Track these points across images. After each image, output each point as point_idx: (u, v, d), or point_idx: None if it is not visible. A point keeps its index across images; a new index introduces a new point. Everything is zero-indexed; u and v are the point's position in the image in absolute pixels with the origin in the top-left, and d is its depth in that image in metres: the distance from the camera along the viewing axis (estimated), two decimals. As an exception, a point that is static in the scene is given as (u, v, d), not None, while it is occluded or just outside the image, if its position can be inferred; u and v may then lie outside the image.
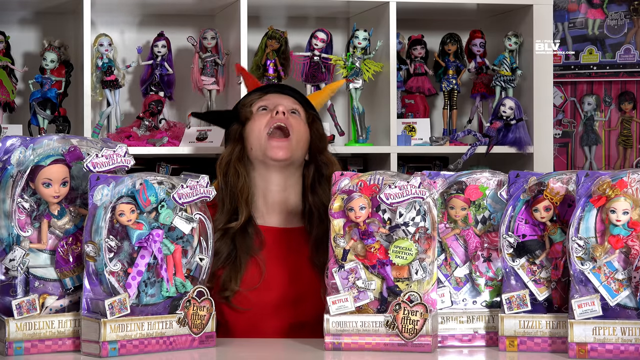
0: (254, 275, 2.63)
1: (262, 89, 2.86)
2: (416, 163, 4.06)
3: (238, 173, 2.71)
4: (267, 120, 2.71)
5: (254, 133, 2.71)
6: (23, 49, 3.90)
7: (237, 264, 2.63)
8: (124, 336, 2.18)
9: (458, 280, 2.36)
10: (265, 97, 2.78)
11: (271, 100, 2.76)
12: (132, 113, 3.96)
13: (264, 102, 2.75)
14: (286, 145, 2.69)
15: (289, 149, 2.69)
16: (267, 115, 2.72)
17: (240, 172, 2.71)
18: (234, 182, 2.69)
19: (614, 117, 4.47)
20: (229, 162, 2.72)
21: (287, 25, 4.01)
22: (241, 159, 2.72)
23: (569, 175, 2.29)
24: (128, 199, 2.21)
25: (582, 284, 2.20)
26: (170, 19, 3.97)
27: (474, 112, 4.06)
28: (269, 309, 2.61)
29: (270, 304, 2.61)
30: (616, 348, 2.18)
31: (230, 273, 2.61)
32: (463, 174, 2.38)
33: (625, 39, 4.45)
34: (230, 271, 2.62)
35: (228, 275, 2.61)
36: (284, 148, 2.69)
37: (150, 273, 2.24)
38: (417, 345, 2.24)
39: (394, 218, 2.30)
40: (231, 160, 2.72)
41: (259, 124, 2.71)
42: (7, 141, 2.22)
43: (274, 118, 2.70)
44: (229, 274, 2.61)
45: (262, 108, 2.74)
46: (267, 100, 2.76)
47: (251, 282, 2.62)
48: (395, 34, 3.78)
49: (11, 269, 2.19)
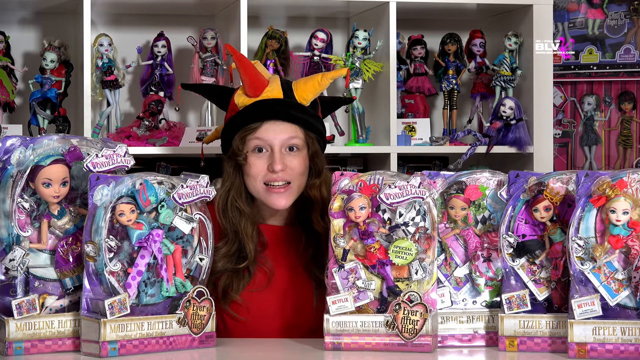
0: (261, 278, 2.62)
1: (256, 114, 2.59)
2: (416, 163, 4.06)
3: (240, 211, 2.61)
4: (264, 170, 2.57)
5: (250, 180, 2.59)
6: (23, 49, 3.90)
7: (243, 275, 2.60)
8: (124, 336, 2.18)
9: (458, 280, 2.36)
10: (260, 129, 2.57)
11: (267, 138, 2.57)
12: (132, 113, 3.95)
13: (259, 141, 2.57)
14: (287, 194, 2.59)
15: (290, 197, 2.60)
16: (262, 160, 2.57)
17: (241, 210, 2.61)
18: (237, 220, 2.60)
19: (614, 117, 4.47)
20: (227, 199, 2.60)
21: (287, 25, 4.01)
22: (240, 195, 2.62)
23: (569, 175, 2.29)
24: (128, 199, 2.21)
25: (582, 284, 2.20)
26: (170, 19, 3.97)
27: (474, 112, 4.06)
28: (271, 310, 2.60)
29: (273, 302, 2.61)
30: (616, 348, 2.18)
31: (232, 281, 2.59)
32: (463, 174, 2.38)
33: (625, 39, 4.45)
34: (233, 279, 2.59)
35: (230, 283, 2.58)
36: (284, 197, 2.59)
37: (150, 273, 2.24)
38: (417, 345, 2.24)
39: (393, 218, 2.30)
40: (229, 198, 2.60)
41: (255, 170, 2.58)
42: (7, 141, 2.22)
43: (270, 174, 2.56)
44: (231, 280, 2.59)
45: (258, 149, 2.58)
46: (262, 136, 2.57)
47: (258, 285, 2.61)
48: (395, 34, 3.78)
49: (11, 269, 2.19)
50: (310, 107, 2.65)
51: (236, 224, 2.60)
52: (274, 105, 2.59)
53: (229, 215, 2.60)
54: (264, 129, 2.58)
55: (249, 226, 2.60)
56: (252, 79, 2.61)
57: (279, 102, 2.60)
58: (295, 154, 2.59)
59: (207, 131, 3.64)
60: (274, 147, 2.57)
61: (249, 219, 2.61)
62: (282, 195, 2.58)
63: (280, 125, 2.58)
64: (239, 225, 2.60)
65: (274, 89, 2.61)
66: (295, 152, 2.60)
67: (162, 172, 3.80)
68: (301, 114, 2.60)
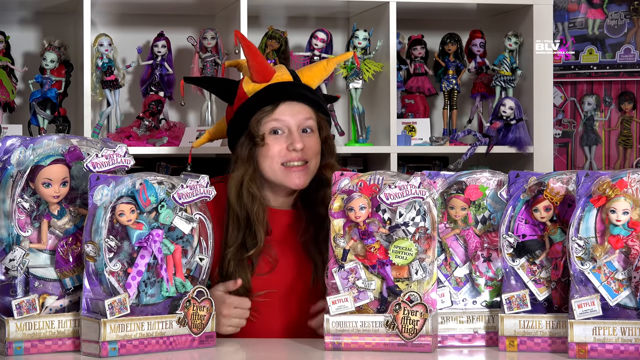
0: (263, 265, 2.63)
1: (271, 96, 2.64)
2: (416, 163, 4.06)
3: (252, 196, 2.62)
4: (282, 151, 2.60)
5: (267, 161, 2.61)
6: (23, 49, 3.90)
7: (248, 267, 2.61)
8: (123, 336, 2.18)
9: (458, 280, 2.36)
10: (276, 111, 2.61)
11: (283, 118, 2.61)
12: (132, 113, 3.95)
13: (276, 123, 2.61)
14: (304, 172, 2.62)
15: (307, 176, 2.63)
16: (280, 141, 2.60)
17: (254, 195, 2.62)
18: (250, 206, 2.61)
19: (614, 117, 4.47)
20: (241, 184, 2.62)
21: (287, 25, 4.01)
22: (254, 180, 2.63)
23: (569, 175, 2.29)
24: (128, 199, 2.21)
25: (582, 284, 2.20)
26: (170, 19, 3.97)
27: (474, 112, 4.06)
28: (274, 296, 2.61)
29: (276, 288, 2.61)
30: (616, 348, 2.18)
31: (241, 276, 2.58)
32: (463, 174, 2.38)
33: (625, 39, 4.45)
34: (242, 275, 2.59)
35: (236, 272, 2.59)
36: (302, 176, 2.62)
37: (150, 273, 2.24)
38: (417, 345, 2.24)
39: (394, 218, 2.30)
40: (243, 183, 2.62)
41: (272, 152, 2.61)
42: (7, 141, 2.22)
43: (289, 153, 2.60)
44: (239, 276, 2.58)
45: (274, 131, 2.61)
46: (279, 117, 2.61)
47: (261, 271, 2.62)
48: (395, 34, 3.78)
49: (11, 269, 2.19)
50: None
51: (249, 210, 2.61)
52: (287, 87, 2.65)
53: (243, 201, 2.62)
54: (279, 110, 2.62)
55: (260, 211, 2.62)
56: (262, 65, 2.66)
57: (291, 84, 2.67)
58: (309, 134, 2.64)
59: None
60: (291, 127, 2.62)
61: (261, 204, 2.63)
62: (301, 173, 2.62)
63: (296, 106, 2.64)
64: (252, 211, 2.61)
65: (283, 74, 2.68)
66: (309, 133, 2.65)
67: (162, 172, 3.80)
68: (313, 95, 2.68)
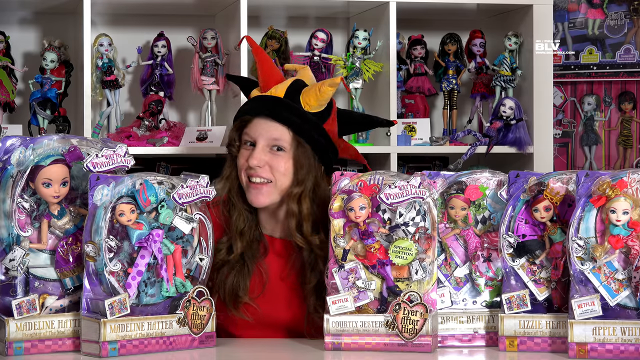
0: (256, 283, 2.60)
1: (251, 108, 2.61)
2: (416, 163, 4.06)
3: (233, 205, 2.60)
4: (245, 164, 2.56)
5: (238, 172, 2.59)
6: (23, 49, 3.90)
7: (245, 270, 2.58)
8: (124, 336, 2.18)
9: (458, 280, 2.36)
10: (250, 125, 2.57)
11: (254, 132, 2.56)
12: (132, 113, 3.96)
13: (246, 136, 2.57)
14: (265, 191, 2.55)
15: (268, 196, 2.56)
16: (247, 154, 2.57)
17: (235, 204, 2.59)
18: (230, 214, 2.60)
19: (614, 117, 4.47)
20: (229, 191, 2.60)
21: (287, 25, 4.01)
22: (234, 187, 2.60)
23: (569, 175, 2.29)
24: (128, 199, 2.21)
25: (582, 284, 2.20)
26: (170, 19, 3.97)
27: (474, 112, 4.06)
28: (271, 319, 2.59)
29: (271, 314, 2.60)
30: (616, 348, 2.18)
31: (238, 280, 2.56)
32: (463, 174, 2.38)
33: (625, 39, 4.45)
34: (239, 278, 2.57)
35: (237, 284, 2.56)
36: (261, 195, 2.55)
37: (150, 273, 2.24)
38: (417, 345, 2.24)
39: (394, 218, 2.30)
40: (228, 191, 2.60)
41: (240, 162, 2.58)
42: (7, 141, 2.22)
43: (250, 168, 2.55)
44: (237, 281, 2.56)
45: (248, 142, 2.58)
46: (250, 130, 2.57)
47: (253, 290, 2.59)
48: (395, 34, 3.78)
49: (11, 269, 2.19)
50: (316, 115, 2.58)
51: (229, 218, 2.59)
52: (266, 103, 2.58)
53: (226, 206, 2.60)
54: (253, 124, 2.57)
55: (240, 222, 2.58)
56: (264, 74, 2.64)
57: (273, 100, 2.58)
58: (280, 154, 2.56)
59: (207, 131, 3.64)
60: (257, 143, 2.56)
61: (241, 213, 2.59)
62: (260, 191, 2.55)
63: (268, 123, 2.56)
64: (231, 219, 2.59)
65: (278, 88, 2.60)
66: (281, 152, 2.56)
67: (162, 172, 3.80)
68: (294, 117, 2.56)
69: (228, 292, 2.55)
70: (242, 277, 2.57)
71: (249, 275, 2.58)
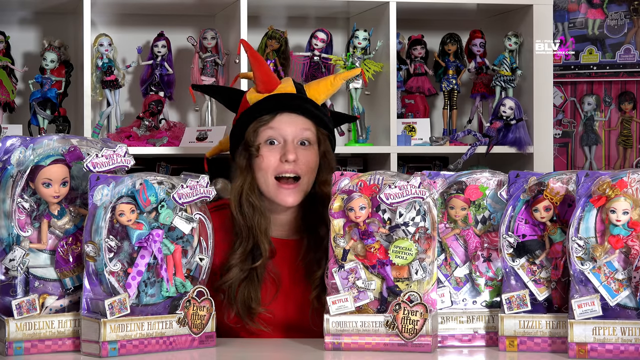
0: (267, 289, 2.60)
1: (270, 106, 2.61)
2: (416, 163, 4.06)
3: (253, 206, 2.57)
4: (275, 163, 2.56)
5: (261, 172, 2.58)
6: (23, 49, 3.90)
7: (255, 279, 2.57)
8: (124, 336, 2.18)
9: (458, 280, 2.36)
10: (273, 121, 2.58)
11: (280, 128, 2.57)
12: (132, 113, 3.96)
13: (272, 132, 2.57)
14: (296, 190, 2.58)
15: (299, 194, 2.58)
16: (275, 152, 2.57)
17: (255, 205, 2.57)
18: (251, 215, 2.57)
19: (614, 117, 4.47)
20: (241, 194, 2.58)
21: (287, 25, 4.01)
22: (254, 190, 2.59)
23: (569, 175, 2.29)
24: (128, 199, 2.21)
25: (582, 284, 2.20)
26: (170, 19, 3.97)
27: (474, 112, 4.06)
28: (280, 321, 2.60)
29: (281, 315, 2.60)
30: (616, 348, 2.18)
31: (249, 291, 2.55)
32: (463, 174, 2.38)
33: (625, 39, 4.45)
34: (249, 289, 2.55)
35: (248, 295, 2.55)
36: (293, 194, 2.57)
37: (150, 273, 2.24)
38: (417, 345, 2.24)
39: (394, 218, 2.30)
40: (243, 193, 2.58)
41: (266, 163, 2.57)
42: (7, 141, 2.22)
43: (282, 165, 2.55)
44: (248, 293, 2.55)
45: (270, 141, 2.57)
46: (275, 127, 2.58)
47: (265, 297, 2.59)
48: (395, 34, 3.78)
49: (11, 269, 2.19)
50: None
51: (250, 220, 2.58)
52: (288, 98, 2.62)
53: (244, 211, 2.58)
54: (277, 120, 2.59)
55: (262, 222, 2.58)
56: (266, 75, 2.65)
57: (293, 95, 2.63)
58: (307, 148, 2.60)
59: (207, 131, 3.64)
60: (287, 138, 2.57)
61: (262, 214, 2.59)
62: (291, 191, 2.57)
63: (294, 118, 2.60)
64: (253, 221, 2.57)
65: (287, 85, 2.65)
66: (307, 146, 2.60)
67: (162, 172, 3.80)
68: (315, 110, 2.63)
69: (241, 306, 2.55)
70: (252, 288, 2.56)
71: (259, 284, 2.58)
